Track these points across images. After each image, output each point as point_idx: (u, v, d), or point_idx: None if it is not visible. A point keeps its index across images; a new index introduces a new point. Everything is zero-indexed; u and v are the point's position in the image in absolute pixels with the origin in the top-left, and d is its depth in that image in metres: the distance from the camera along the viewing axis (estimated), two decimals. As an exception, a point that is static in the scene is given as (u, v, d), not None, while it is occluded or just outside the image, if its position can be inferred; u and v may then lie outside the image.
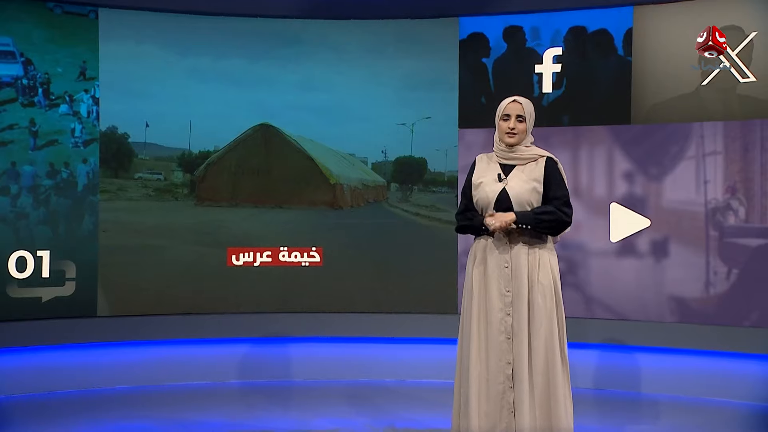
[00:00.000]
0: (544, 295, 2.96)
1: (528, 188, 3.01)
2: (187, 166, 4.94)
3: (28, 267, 4.57)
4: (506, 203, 3.01)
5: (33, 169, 4.58)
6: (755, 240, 4.53)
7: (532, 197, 3.01)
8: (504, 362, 2.96)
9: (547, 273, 2.99)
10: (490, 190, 3.04)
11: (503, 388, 2.95)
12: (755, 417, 4.25)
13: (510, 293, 2.98)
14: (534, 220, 2.97)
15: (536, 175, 3.03)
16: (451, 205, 5.06)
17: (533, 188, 3.01)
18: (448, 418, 4.04)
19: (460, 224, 3.18)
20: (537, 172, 3.03)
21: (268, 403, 4.38)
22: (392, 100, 5.09)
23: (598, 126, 4.81)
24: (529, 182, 3.02)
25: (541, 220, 2.97)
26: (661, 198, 4.71)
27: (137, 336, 4.81)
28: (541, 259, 3.00)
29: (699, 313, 4.65)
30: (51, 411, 4.20)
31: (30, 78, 4.58)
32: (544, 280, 2.97)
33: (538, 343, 2.93)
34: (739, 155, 4.58)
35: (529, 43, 4.96)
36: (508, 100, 3.13)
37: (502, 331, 2.97)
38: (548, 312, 2.96)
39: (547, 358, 2.94)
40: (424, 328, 5.00)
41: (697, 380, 4.66)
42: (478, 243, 3.08)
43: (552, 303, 2.97)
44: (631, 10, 4.78)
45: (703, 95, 4.65)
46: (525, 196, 3.00)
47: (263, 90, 5.03)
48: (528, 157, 3.06)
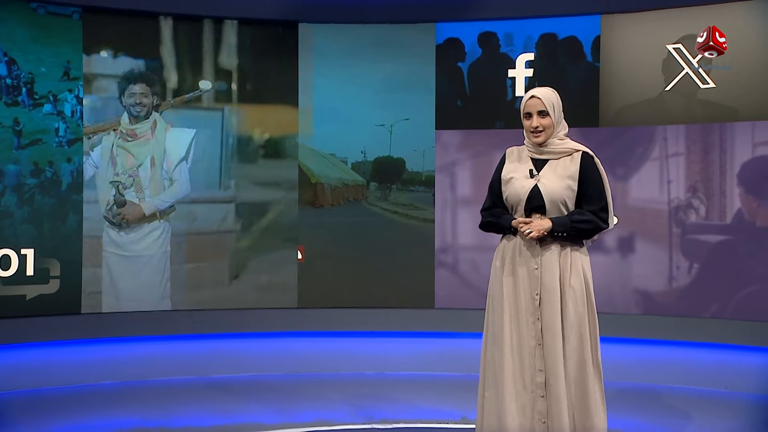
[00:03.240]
0: (575, 300, 2.76)
1: (562, 186, 2.76)
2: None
3: (13, 265, 4.56)
4: (538, 201, 2.77)
5: (17, 168, 4.57)
6: (715, 236, 4.71)
7: (566, 195, 2.76)
8: (536, 369, 2.76)
9: (579, 276, 2.78)
10: (521, 187, 2.80)
11: (534, 396, 2.77)
12: (715, 402, 4.35)
13: (539, 297, 2.77)
14: (571, 229, 2.75)
15: (571, 172, 2.76)
16: (428, 203, 5.19)
17: (567, 186, 2.76)
18: (426, 408, 4.08)
19: (485, 221, 2.94)
20: (572, 168, 2.77)
21: (250, 397, 4.36)
22: (371, 102, 5.17)
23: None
24: (564, 179, 2.76)
25: (578, 229, 2.76)
26: (627, 197, 4.86)
27: (121, 333, 4.82)
28: (573, 262, 2.78)
29: (662, 305, 4.81)
30: (36, 407, 4.15)
31: (14, 77, 4.56)
32: (575, 284, 2.76)
33: (570, 350, 2.74)
34: (700, 157, 4.75)
35: (503, 49, 5.06)
36: (526, 97, 2.85)
37: (533, 336, 2.77)
38: (579, 317, 2.76)
39: (581, 365, 2.75)
40: (401, 322, 5.08)
41: (661, 368, 4.74)
42: (507, 243, 2.87)
43: (584, 308, 2.77)
44: (599, 18, 4.90)
45: (667, 100, 4.81)
46: (559, 194, 2.76)
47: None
48: (562, 151, 2.81)
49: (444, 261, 5.17)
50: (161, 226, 4.90)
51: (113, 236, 4.84)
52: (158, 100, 4.90)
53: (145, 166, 4.87)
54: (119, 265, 4.87)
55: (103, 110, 4.83)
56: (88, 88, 4.80)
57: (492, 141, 5.07)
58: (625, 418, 3.93)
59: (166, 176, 4.92)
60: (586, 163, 2.78)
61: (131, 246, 4.87)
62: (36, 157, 4.62)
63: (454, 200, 5.20)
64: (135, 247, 4.87)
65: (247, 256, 5.12)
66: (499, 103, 5.07)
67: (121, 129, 4.84)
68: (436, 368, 4.93)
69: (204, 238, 5.01)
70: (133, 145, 4.86)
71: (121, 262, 4.87)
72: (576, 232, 2.76)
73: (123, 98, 4.86)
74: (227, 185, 5.01)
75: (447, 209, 5.19)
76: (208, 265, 5.04)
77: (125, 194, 4.84)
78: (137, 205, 4.87)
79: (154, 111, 4.89)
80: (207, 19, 4.99)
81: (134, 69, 4.88)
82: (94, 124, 4.76)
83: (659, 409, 4.17)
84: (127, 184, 4.85)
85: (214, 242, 5.04)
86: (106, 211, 4.83)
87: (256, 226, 5.09)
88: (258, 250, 5.13)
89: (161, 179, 4.90)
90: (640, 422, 3.87)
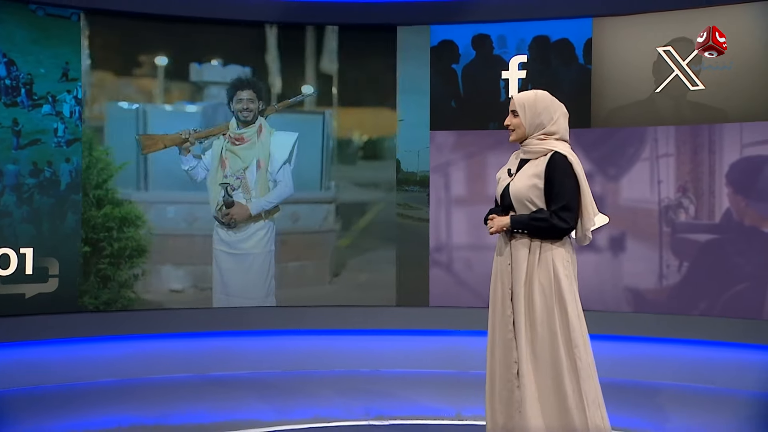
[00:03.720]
0: (543, 294, 2.80)
1: (527, 185, 2.82)
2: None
3: (12, 264, 4.59)
4: (508, 199, 2.88)
5: (16, 168, 4.60)
6: (704, 235, 4.76)
7: (531, 193, 2.81)
8: (512, 361, 2.85)
9: (548, 271, 2.81)
10: (500, 186, 2.94)
11: (511, 386, 2.86)
12: (704, 398, 4.40)
13: (512, 291, 2.86)
14: (528, 226, 2.82)
15: (538, 171, 2.81)
16: (423, 203, 5.23)
17: (533, 184, 2.81)
18: (421, 404, 4.13)
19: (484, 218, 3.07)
20: (540, 167, 2.81)
21: (247, 394, 4.40)
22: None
23: (560, 129, 5.02)
24: (530, 178, 2.82)
25: (534, 227, 2.81)
26: (618, 197, 4.91)
27: (119, 331, 4.86)
28: (542, 258, 2.82)
29: (653, 303, 4.86)
30: (35, 404, 4.17)
31: (13, 78, 4.59)
32: (543, 278, 2.80)
33: (543, 345, 2.80)
34: (689, 157, 4.80)
35: (496, 51, 5.11)
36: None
37: (509, 329, 2.86)
38: (548, 311, 2.79)
39: (553, 363, 2.79)
40: (396, 321, 5.12)
41: (651, 365, 4.78)
42: (498, 238, 2.97)
43: (552, 301, 2.79)
44: (591, 21, 4.95)
45: (657, 101, 4.86)
46: (523, 193, 2.83)
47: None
48: (538, 151, 2.85)
49: (438, 260, 5.21)
50: (266, 225, 5.09)
51: (222, 235, 5.05)
52: (264, 105, 5.06)
53: (252, 169, 5.05)
54: (228, 263, 5.06)
55: (213, 116, 5.02)
56: (199, 95, 5.02)
57: (486, 142, 5.11)
58: (617, 414, 3.93)
59: (271, 178, 5.09)
60: (553, 163, 2.79)
61: (239, 244, 5.06)
62: (35, 157, 4.65)
63: (448, 200, 5.23)
64: (242, 245, 5.07)
65: (347, 255, 5.25)
66: (493, 104, 5.11)
67: (229, 133, 5.00)
68: (431, 365, 4.98)
69: (306, 237, 5.18)
70: (241, 148, 5.04)
71: (229, 260, 5.07)
72: (532, 230, 2.80)
73: (232, 104, 5.02)
74: (328, 186, 5.17)
75: (441, 209, 5.23)
76: (311, 264, 5.19)
77: (233, 195, 5.00)
78: (244, 205, 5.05)
79: (260, 116, 5.05)
80: (309, 25, 5.12)
81: (241, 76, 5.05)
82: (204, 129, 4.95)
83: (650, 405, 4.21)
84: (235, 185, 5.02)
85: (316, 241, 5.20)
86: (216, 211, 5.02)
87: (355, 226, 5.23)
88: (358, 249, 5.25)
89: (267, 181, 5.07)
90: (632, 418, 3.92)
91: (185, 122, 5.02)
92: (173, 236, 4.98)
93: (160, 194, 4.97)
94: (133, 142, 4.94)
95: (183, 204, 5.01)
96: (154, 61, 5.02)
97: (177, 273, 5.00)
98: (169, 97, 5.09)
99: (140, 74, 5.00)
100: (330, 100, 5.18)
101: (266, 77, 5.11)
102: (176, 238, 4.99)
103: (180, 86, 5.07)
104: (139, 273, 4.94)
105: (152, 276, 4.98)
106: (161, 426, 3.79)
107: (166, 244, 4.98)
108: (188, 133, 4.96)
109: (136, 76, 5.00)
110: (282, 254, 5.13)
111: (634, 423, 3.83)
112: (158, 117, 5.01)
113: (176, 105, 5.09)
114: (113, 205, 4.83)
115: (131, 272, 4.92)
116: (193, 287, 5.05)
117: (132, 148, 4.93)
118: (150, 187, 4.96)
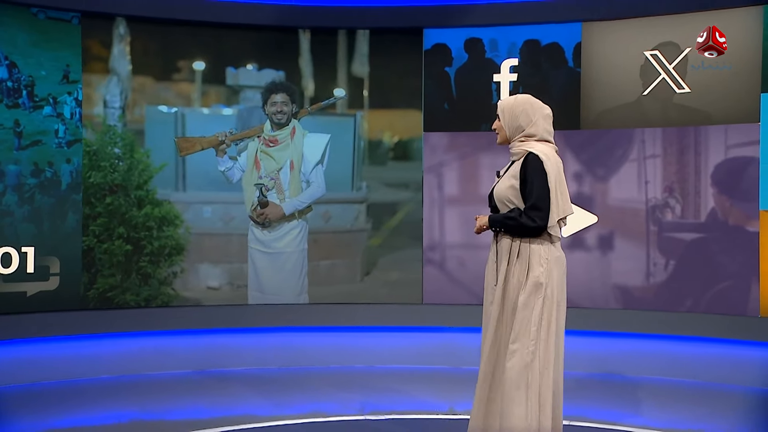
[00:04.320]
0: (516, 290, 2.88)
1: (506, 185, 2.94)
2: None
3: (13, 263, 4.64)
4: (493, 200, 3.00)
5: (18, 168, 4.65)
6: (690, 234, 4.83)
7: (509, 194, 2.92)
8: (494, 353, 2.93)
9: (524, 268, 2.88)
10: (490, 188, 3.06)
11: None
12: (689, 392, 4.48)
13: (497, 286, 2.93)
14: (503, 225, 2.92)
15: (515, 172, 2.92)
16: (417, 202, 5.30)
17: (511, 185, 2.92)
18: (415, 399, 4.18)
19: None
20: (517, 168, 2.92)
21: (245, 390, 4.44)
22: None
23: (550, 131, 5.07)
24: (509, 179, 2.94)
25: (508, 225, 2.91)
26: (607, 197, 4.97)
27: (158, 327, 4.95)
28: (521, 253, 2.89)
29: (640, 300, 4.92)
30: (37, 400, 4.20)
31: (14, 80, 4.64)
32: (520, 274, 2.88)
33: (504, 336, 2.88)
34: (676, 158, 4.86)
35: (488, 54, 5.16)
36: None
37: (493, 324, 2.93)
38: (522, 305, 2.85)
39: (504, 351, 2.87)
40: (390, 318, 5.17)
41: (639, 360, 4.85)
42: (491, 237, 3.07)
43: (525, 296, 2.85)
44: (580, 25, 5.00)
45: (644, 104, 4.93)
46: (503, 194, 2.94)
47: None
48: (519, 152, 2.95)
49: (432, 258, 5.28)
50: (299, 225, 5.20)
51: (257, 234, 5.15)
52: (297, 108, 5.14)
53: (285, 170, 5.15)
54: (263, 261, 5.16)
55: (248, 119, 5.12)
56: (234, 98, 5.12)
57: (478, 143, 5.17)
58: (605, 408, 4.05)
59: (304, 179, 5.18)
60: (527, 164, 2.87)
61: (273, 243, 5.17)
62: (36, 158, 4.71)
63: (441, 200, 5.28)
64: (276, 244, 5.18)
65: (377, 254, 5.34)
66: (485, 106, 5.14)
67: (263, 135, 5.10)
68: (424, 361, 5.05)
69: (338, 236, 5.28)
70: (275, 150, 5.13)
71: (264, 258, 5.17)
72: (506, 228, 2.91)
73: (266, 107, 5.11)
74: (359, 186, 5.25)
75: (435, 208, 5.28)
76: (342, 262, 5.29)
77: (267, 196, 5.10)
78: (278, 205, 5.14)
79: (293, 118, 5.13)
80: (341, 30, 5.21)
81: (275, 80, 5.14)
82: (239, 131, 5.04)
83: (637, 399, 4.28)
84: (269, 186, 5.11)
85: (347, 240, 5.30)
86: (251, 211, 5.11)
87: (386, 225, 5.32)
88: (387, 248, 5.34)
89: (299, 181, 5.16)
90: (620, 411, 3.99)
91: (221, 125, 5.14)
92: (210, 235, 5.11)
93: (198, 195, 5.10)
94: (172, 144, 5.05)
95: (219, 204, 5.13)
96: (192, 66, 5.16)
97: (214, 271, 5.13)
98: (205, 101, 5.23)
99: (178, 79, 5.15)
100: (361, 103, 5.28)
101: (299, 81, 5.22)
102: (213, 237, 5.12)
103: (216, 90, 5.22)
104: (177, 271, 5.07)
105: (190, 273, 5.11)
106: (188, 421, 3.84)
107: (203, 242, 5.11)
108: (224, 135, 5.06)
109: (175, 81, 5.15)
110: (314, 253, 5.23)
111: (621, 417, 3.90)
112: (195, 120, 5.14)
113: (213, 108, 5.23)
114: (153, 205, 4.94)
115: (170, 270, 5.04)
116: (229, 284, 5.17)
117: (170, 150, 5.06)
118: (188, 188, 5.09)
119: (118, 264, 4.92)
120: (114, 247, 4.90)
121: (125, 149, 4.91)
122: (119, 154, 4.91)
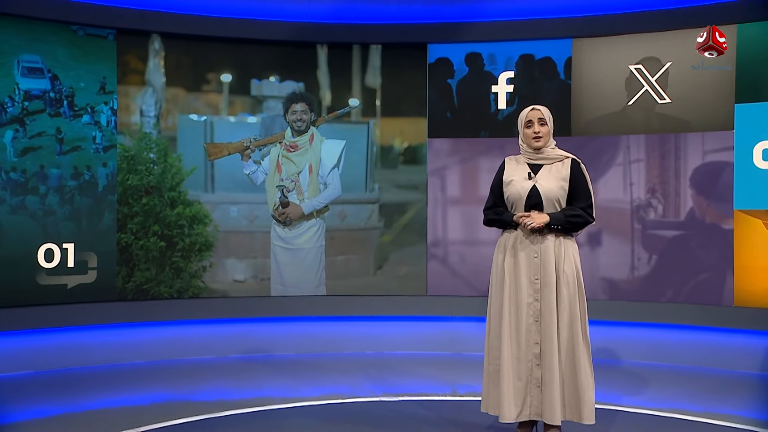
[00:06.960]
0: (568, 283, 3.03)
1: (557, 186, 3.08)
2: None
3: (56, 258, 4.84)
4: (536, 199, 3.08)
5: (59, 171, 4.86)
6: (670, 232, 4.98)
7: (560, 194, 3.08)
8: (532, 342, 3.05)
9: (571, 263, 3.06)
10: (521, 187, 3.11)
11: (531, 365, 3.06)
12: (671, 375, 4.61)
13: (539, 281, 3.05)
14: (565, 222, 3.04)
15: (564, 175, 3.09)
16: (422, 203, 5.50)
17: (561, 186, 3.08)
18: (420, 383, 4.31)
19: (489, 218, 3.22)
20: (564, 171, 3.09)
21: (267, 373, 4.58)
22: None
23: (544, 137, 5.16)
24: (558, 181, 3.08)
25: (571, 222, 3.05)
26: (595, 197, 5.00)
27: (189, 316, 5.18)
28: (566, 251, 3.05)
29: (626, 291, 5.05)
30: (79, 383, 4.36)
31: (56, 92, 4.86)
32: (568, 270, 3.04)
33: (562, 326, 3.01)
34: (658, 162, 4.99)
35: (487, 67, 5.34)
36: (527, 110, 3.18)
37: (531, 314, 3.05)
38: (571, 298, 3.02)
39: (571, 339, 3.01)
40: (398, 308, 5.36)
41: (625, 347, 5.00)
42: (508, 235, 3.15)
43: (575, 290, 3.04)
44: (571, 42, 5.16)
45: (629, 113, 5.07)
46: (554, 193, 3.08)
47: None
48: (554, 157, 3.13)
49: (435, 254, 5.46)
50: (317, 223, 5.45)
51: (279, 232, 5.42)
52: (315, 116, 5.42)
53: (304, 173, 5.40)
54: (284, 257, 5.41)
55: (271, 126, 5.39)
56: (258, 107, 5.40)
57: (477, 148, 5.35)
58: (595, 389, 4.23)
59: (322, 181, 5.44)
60: (575, 168, 3.12)
61: (293, 240, 5.42)
62: (76, 162, 4.92)
63: (444, 200, 5.45)
64: (296, 241, 5.42)
65: (388, 250, 5.56)
66: (484, 115, 5.32)
67: (285, 141, 5.34)
68: (429, 348, 5.23)
69: (353, 234, 5.52)
70: (295, 155, 5.38)
71: (285, 254, 5.41)
72: (569, 225, 3.07)
73: (287, 116, 5.38)
74: (372, 188, 5.50)
75: (438, 208, 5.46)
76: (356, 257, 5.52)
77: (288, 196, 5.34)
78: (298, 205, 5.40)
79: (311, 126, 5.41)
80: (355, 45, 5.47)
81: (296, 90, 5.42)
82: (263, 138, 5.32)
83: (623, 382, 4.44)
84: (290, 188, 5.35)
85: (361, 237, 5.53)
86: (273, 210, 5.39)
87: (396, 224, 5.54)
88: (397, 244, 5.55)
89: (317, 183, 5.41)
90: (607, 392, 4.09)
91: (246, 132, 5.39)
92: (236, 233, 5.37)
93: (225, 196, 5.36)
94: (201, 149, 5.33)
95: (244, 204, 5.39)
96: (220, 78, 5.42)
97: (239, 265, 5.38)
98: (232, 110, 5.48)
99: (208, 90, 5.42)
100: (374, 111, 5.54)
101: (317, 91, 5.46)
102: (238, 234, 5.37)
103: (242, 100, 5.48)
104: (206, 265, 5.33)
105: (218, 268, 5.35)
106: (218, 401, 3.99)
107: (230, 239, 5.36)
108: (249, 141, 5.34)
109: (204, 92, 5.42)
110: (331, 249, 5.47)
111: (609, 397, 4.01)
112: (223, 127, 5.39)
113: (238, 117, 5.47)
114: (184, 206, 5.21)
115: (200, 264, 5.31)
116: (254, 278, 5.41)
117: (200, 155, 5.34)
118: (216, 190, 5.35)
119: (153, 259, 5.17)
120: (149, 244, 5.16)
121: (159, 154, 5.18)
122: (154, 159, 5.18)
